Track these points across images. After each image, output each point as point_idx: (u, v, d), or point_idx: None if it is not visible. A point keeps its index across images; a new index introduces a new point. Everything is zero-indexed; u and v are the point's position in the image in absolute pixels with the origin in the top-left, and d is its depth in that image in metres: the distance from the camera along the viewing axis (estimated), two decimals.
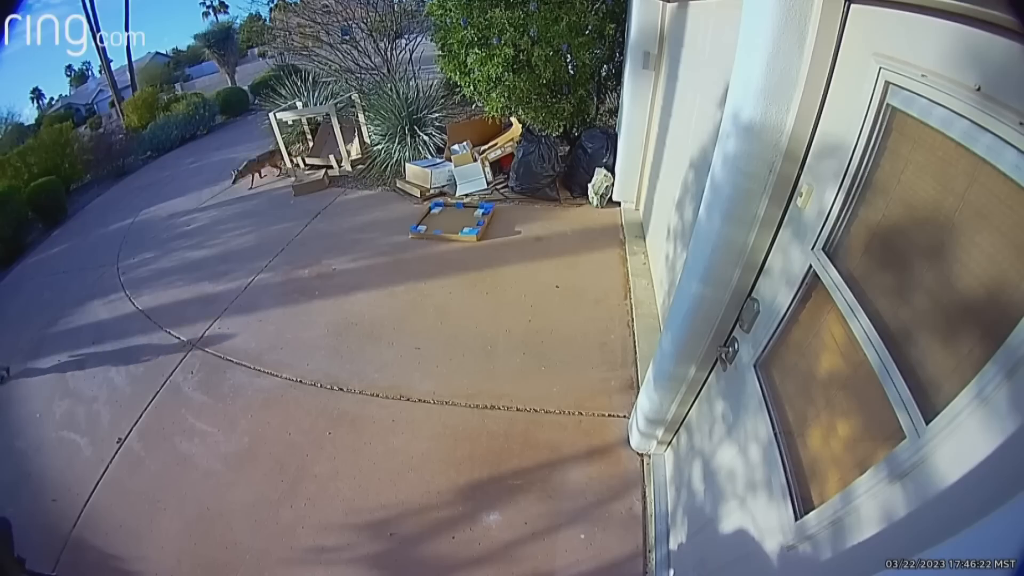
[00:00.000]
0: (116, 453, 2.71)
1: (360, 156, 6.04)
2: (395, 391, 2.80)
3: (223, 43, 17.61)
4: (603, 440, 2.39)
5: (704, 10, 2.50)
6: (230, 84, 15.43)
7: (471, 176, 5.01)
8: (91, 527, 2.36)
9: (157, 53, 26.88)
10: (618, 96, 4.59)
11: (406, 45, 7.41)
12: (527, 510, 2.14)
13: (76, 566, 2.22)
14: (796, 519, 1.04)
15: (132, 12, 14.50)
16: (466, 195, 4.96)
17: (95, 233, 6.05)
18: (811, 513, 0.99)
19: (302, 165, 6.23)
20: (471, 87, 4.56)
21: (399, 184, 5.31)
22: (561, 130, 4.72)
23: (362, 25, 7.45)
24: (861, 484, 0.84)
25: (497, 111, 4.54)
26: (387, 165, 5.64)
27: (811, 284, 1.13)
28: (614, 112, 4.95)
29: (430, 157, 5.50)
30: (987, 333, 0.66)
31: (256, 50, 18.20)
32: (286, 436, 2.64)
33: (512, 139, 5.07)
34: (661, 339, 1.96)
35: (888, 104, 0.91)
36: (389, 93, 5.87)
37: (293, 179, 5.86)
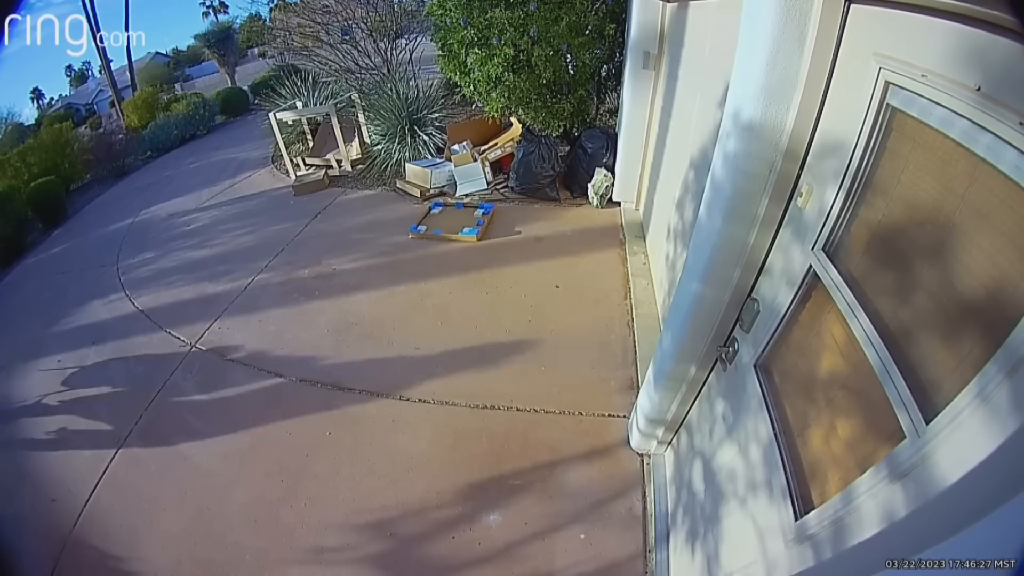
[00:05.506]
0: (116, 453, 2.71)
1: (360, 156, 6.03)
2: (395, 391, 2.80)
3: (223, 43, 17.58)
4: (603, 440, 2.39)
5: (704, 10, 2.50)
6: (230, 84, 15.40)
7: (471, 176, 5.00)
8: (91, 527, 2.36)
9: (157, 53, 26.84)
10: (618, 96, 4.58)
11: (406, 45, 7.40)
12: (527, 510, 2.14)
13: (76, 566, 2.21)
14: (796, 519, 1.04)
15: (132, 12, 14.47)
16: (466, 195, 4.96)
17: (95, 233, 6.04)
18: (811, 513, 0.99)
19: (302, 165, 6.23)
20: (471, 87, 4.56)
21: (399, 184, 5.31)
22: (561, 130, 4.71)
23: (362, 25, 7.45)
24: (861, 484, 0.84)
25: (497, 111, 4.54)
26: (387, 165, 5.63)
27: (811, 284, 1.13)
28: (614, 112, 4.95)
29: (430, 157, 5.49)
30: (987, 333, 0.66)
31: (256, 50, 18.18)
32: (286, 436, 2.64)
33: (512, 139, 5.06)
34: (661, 339, 1.96)
35: (888, 104, 0.91)
36: (389, 93, 5.86)
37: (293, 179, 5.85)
